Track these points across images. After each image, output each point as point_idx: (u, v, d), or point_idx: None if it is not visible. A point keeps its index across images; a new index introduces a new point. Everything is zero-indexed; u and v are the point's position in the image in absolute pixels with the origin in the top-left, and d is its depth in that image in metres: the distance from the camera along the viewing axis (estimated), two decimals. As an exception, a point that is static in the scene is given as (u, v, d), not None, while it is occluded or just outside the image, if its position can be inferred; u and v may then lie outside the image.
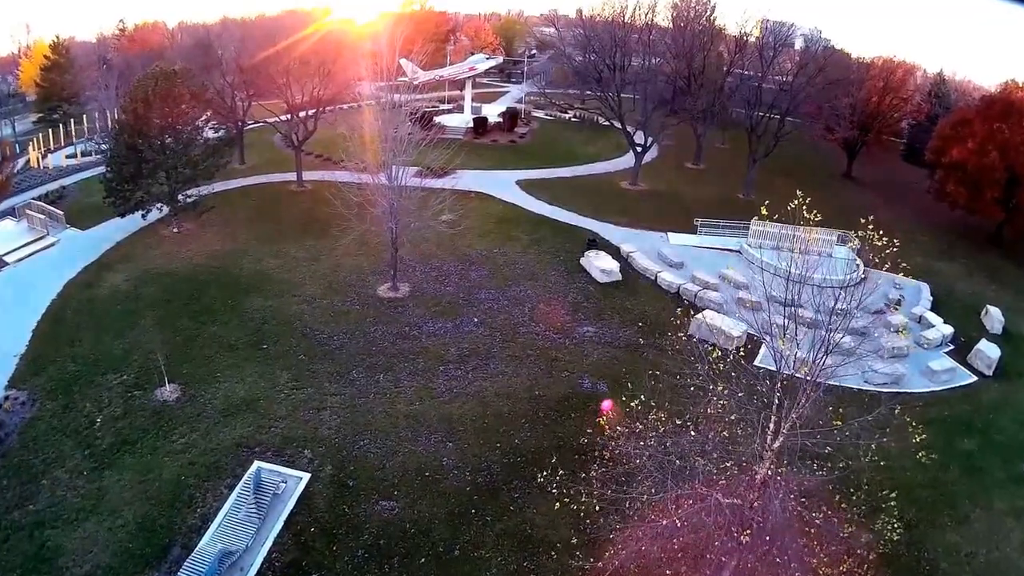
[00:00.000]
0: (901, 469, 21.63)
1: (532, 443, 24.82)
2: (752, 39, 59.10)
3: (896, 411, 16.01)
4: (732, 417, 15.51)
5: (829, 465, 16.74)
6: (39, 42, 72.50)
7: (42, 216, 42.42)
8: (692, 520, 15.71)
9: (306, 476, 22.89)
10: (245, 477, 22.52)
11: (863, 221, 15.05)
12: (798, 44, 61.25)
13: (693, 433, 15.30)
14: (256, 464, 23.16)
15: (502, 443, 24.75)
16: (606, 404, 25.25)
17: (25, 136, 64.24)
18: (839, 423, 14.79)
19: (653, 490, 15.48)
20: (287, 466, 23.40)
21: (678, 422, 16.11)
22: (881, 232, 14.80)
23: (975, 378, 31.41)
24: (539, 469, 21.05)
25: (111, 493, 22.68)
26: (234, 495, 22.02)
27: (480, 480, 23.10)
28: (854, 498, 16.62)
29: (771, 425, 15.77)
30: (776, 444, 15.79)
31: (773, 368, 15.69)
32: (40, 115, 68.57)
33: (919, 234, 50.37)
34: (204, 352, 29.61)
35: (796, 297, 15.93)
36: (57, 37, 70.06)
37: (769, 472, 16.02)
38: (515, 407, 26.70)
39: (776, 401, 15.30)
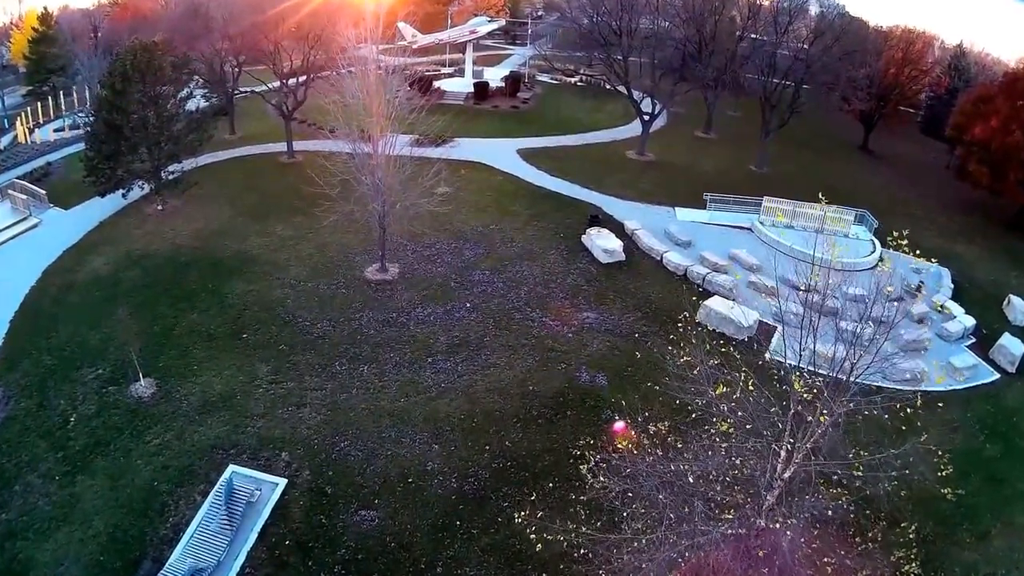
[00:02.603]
0: (919, 479, 19.98)
1: (524, 445, 23.32)
2: (766, 3, 56.14)
3: (923, 439, 14.33)
4: (739, 462, 13.88)
5: (845, 485, 15.25)
6: (30, 12, 70.32)
7: (24, 196, 40.91)
8: (689, 555, 14.29)
9: (282, 482, 21.61)
10: (218, 484, 21.27)
11: (896, 235, 13.22)
12: (813, 11, 58.01)
13: (691, 479, 13.66)
14: (230, 469, 21.88)
15: (491, 445, 23.25)
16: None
17: (14, 110, 62.59)
18: (860, 470, 13.11)
19: (645, 529, 13.98)
20: (263, 470, 22.13)
21: (679, 446, 14.58)
22: (906, 243, 12.96)
23: (997, 375, 29.51)
24: (528, 486, 19.81)
25: (83, 500, 21.72)
26: (206, 504, 20.83)
27: (466, 487, 21.67)
28: (870, 534, 15.07)
29: (782, 453, 14.20)
30: (787, 474, 14.24)
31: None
32: (30, 88, 66.86)
33: (937, 213, 48.28)
34: (182, 342, 28.25)
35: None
36: (45, 8, 68.10)
37: (778, 505, 14.50)
38: (506, 404, 25.13)
39: (788, 429, 13.73)
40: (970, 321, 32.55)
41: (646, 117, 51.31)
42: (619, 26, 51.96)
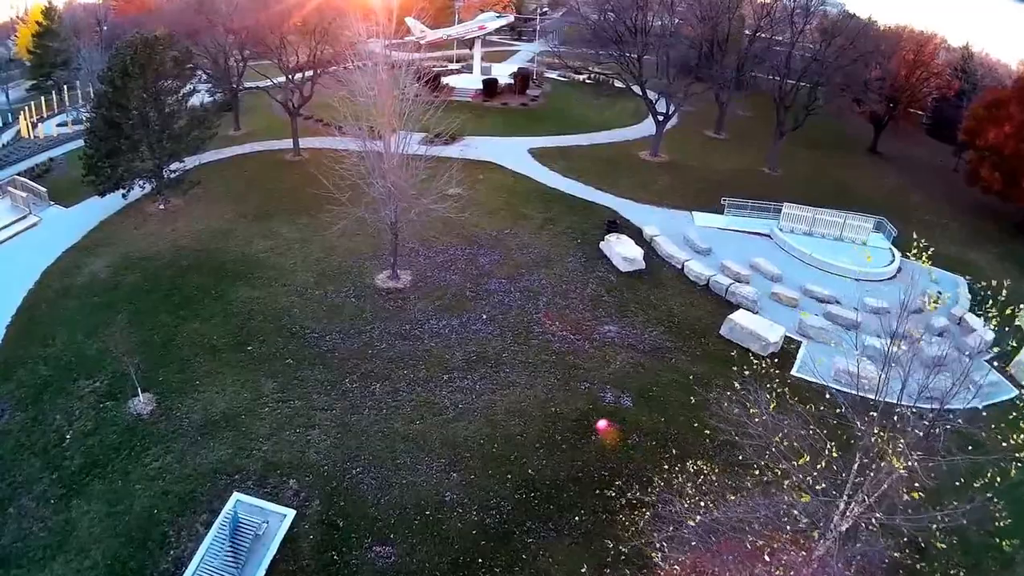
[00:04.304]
0: (977, 529, 18.78)
1: (548, 473, 21.88)
2: (779, 3, 54.95)
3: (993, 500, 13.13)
4: (805, 519, 12.60)
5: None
6: (35, 6, 68.96)
7: (24, 194, 39.53)
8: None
9: (291, 513, 20.22)
10: (222, 515, 19.92)
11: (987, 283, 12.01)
12: (824, 11, 56.94)
13: (753, 547, 12.38)
14: (235, 498, 20.53)
15: (513, 474, 21.82)
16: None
17: (19, 104, 61.23)
18: (938, 539, 11.89)
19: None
20: (270, 499, 20.76)
21: (730, 497, 13.32)
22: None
23: (1015, 391, 28.03)
24: (553, 520, 18.42)
25: (80, 527, 20.40)
26: (210, 537, 19.46)
27: (488, 521, 20.26)
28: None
29: (840, 505, 12.95)
30: (845, 527, 13.00)
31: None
32: (34, 82, 65.54)
33: (948, 218, 47.09)
34: (183, 354, 26.84)
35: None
36: (50, 1, 66.56)
37: (830, 556, 13.29)
38: (528, 427, 23.69)
39: (851, 481, 12.51)
40: (991, 335, 31.04)
41: (660, 118, 49.84)
42: (634, 24, 50.50)
